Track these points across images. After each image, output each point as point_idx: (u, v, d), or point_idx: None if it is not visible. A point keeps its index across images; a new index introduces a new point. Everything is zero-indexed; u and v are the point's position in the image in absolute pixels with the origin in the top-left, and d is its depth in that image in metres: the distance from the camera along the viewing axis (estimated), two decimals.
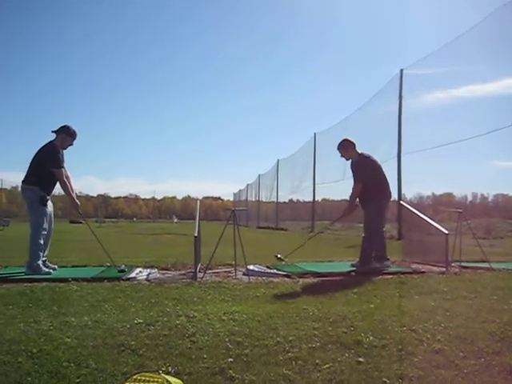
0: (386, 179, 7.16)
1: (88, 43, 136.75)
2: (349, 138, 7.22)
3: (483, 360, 2.74)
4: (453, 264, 7.03)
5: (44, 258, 6.27)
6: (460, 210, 7.82)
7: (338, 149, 7.17)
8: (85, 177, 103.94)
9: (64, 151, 6.43)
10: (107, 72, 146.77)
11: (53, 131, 6.35)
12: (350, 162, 7.20)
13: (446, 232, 6.84)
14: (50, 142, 6.31)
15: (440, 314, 3.87)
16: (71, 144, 6.46)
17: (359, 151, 7.08)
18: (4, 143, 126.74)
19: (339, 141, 7.18)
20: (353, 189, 7.07)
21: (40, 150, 6.28)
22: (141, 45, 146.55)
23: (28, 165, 6.32)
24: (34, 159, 6.29)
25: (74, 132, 6.41)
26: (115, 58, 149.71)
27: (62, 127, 6.34)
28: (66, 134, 6.34)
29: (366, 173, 6.93)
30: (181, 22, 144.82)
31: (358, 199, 7.10)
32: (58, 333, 3.20)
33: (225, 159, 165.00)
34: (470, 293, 4.84)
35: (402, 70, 14.94)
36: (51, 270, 6.12)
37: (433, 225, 7.17)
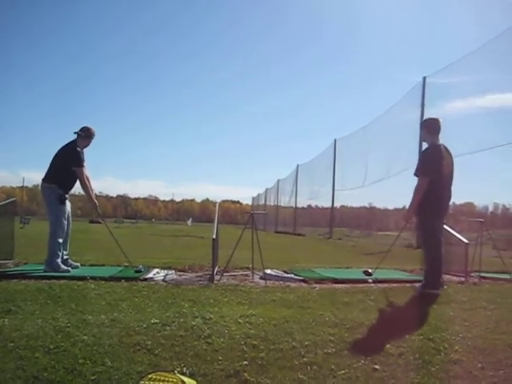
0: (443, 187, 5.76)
1: (107, 42, 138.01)
2: (437, 118, 5.88)
3: (502, 372, 2.71)
4: (472, 274, 6.93)
5: (66, 257, 6.37)
6: (481, 220, 7.72)
7: (421, 126, 6.11)
8: (104, 177, 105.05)
9: (84, 150, 6.56)
10: (127, 71, 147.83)
11: (75, 132, 6.48)
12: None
13: (466, 242, 6.75)
14: (72, 142, 6.44)
15: (458, 324, 3.83)
16: (88, 144, 6.60)
17: (439, 141, 5.69)
18: (26, 142, 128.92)
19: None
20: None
21: (61, 149, 6.44)
22: (159, 45, 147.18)
23: (49, 164, 6.44)
24: (54, 158, 6.43)
25: (93, 133, 6.59)
26: (134, 58, 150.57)
27: (83, 128, 6.50)
28: (85, 135, 6.49)
29: (433, 167, 5.55)
30: (201, 21, 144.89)
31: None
32: (75, 330, 3.24)
33: (244, 163, 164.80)
34: (490, 303, 4.78)
35: (424, 78, 14.79)
36: (70, 268, 6.19)
37: (453, 234, 7.07)
